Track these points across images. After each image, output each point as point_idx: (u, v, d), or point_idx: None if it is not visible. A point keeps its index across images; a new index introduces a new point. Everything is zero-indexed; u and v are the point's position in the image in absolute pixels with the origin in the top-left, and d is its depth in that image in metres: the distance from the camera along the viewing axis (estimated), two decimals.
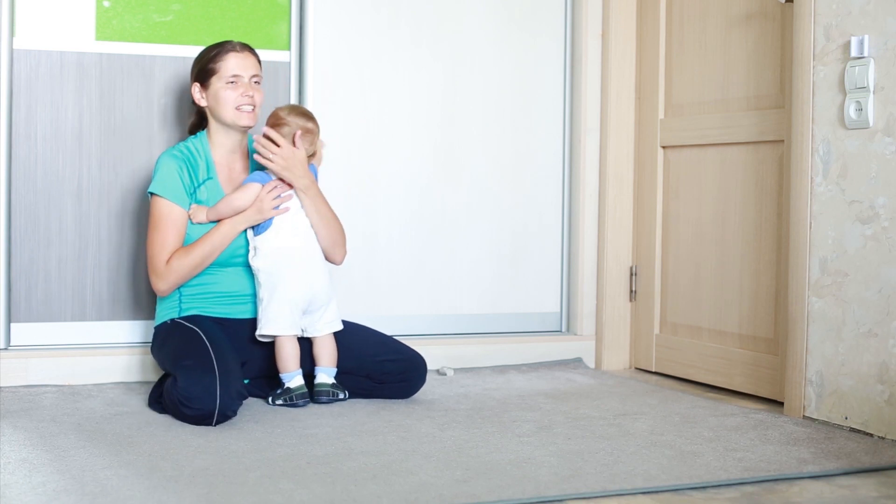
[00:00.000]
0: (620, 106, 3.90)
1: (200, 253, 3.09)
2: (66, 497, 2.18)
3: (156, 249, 3.10)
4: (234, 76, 3.14)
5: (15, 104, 3.39)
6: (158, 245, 3.10)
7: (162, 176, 3.12)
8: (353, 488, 2.27)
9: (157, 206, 3.12)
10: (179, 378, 2.87)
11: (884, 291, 2.85)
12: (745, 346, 3.46)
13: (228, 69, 3.14)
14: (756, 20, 3.41)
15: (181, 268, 3.08)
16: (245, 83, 3.15)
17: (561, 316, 4.00)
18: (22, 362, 3.34)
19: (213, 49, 3.18)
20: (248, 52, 3.19)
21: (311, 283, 3.11)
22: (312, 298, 3.12)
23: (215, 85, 3.15)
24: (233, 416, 2.87)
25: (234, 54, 3.15)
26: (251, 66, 3.17)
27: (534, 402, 3.23)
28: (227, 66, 3.14)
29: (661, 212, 3.81)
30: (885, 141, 2.85)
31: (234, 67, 3.14)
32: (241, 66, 3.15)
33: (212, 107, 3.17)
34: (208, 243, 3.09)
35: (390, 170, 3.77)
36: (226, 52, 3.15)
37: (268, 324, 3.08)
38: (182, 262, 3.08)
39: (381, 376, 3.20)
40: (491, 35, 3.87)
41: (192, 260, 3.08)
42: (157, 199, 3.12)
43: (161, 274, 3.09)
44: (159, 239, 3.10)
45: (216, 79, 3.15)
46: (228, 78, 3.13)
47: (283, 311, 3.07)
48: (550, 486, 2.31)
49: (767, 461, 2.56)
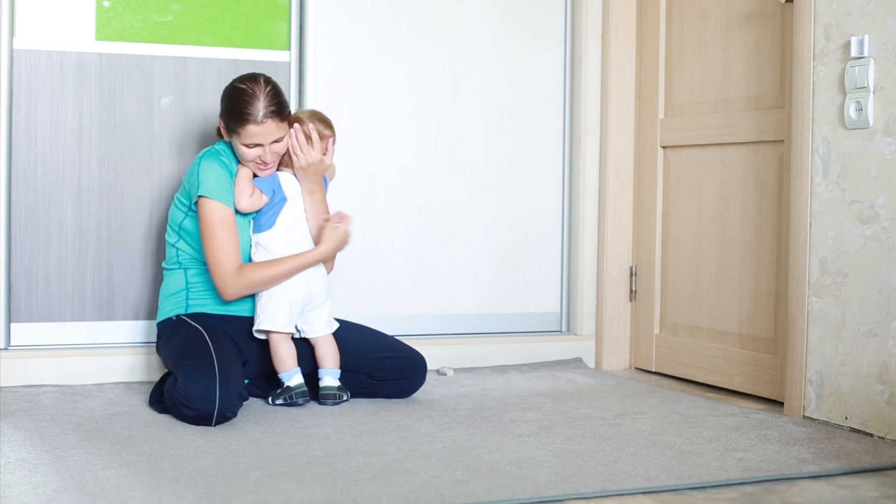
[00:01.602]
0: (620, 106, 3.90)
1: (278, 273, 3.06)
2: (66, 497, 2.18)
3: (220, 256, 3.04)
4: (254, 144, 3.05)
5: (15, 104, 3.39)
6: (223, 251, 3.04)
7: (212, 179, 3.05)
8: (353, 488, 2.27)
9: (212, 209, 3.05)
10: (180, 378, 2.88)
11: (884, 291, 2.85)
12: (745, 346, 3.46)
13: (248, 138, 3.03)
14: (756, 20, 3.41)
15: (255, 280, 3.06)
16: (264, 148, 3.06)
17: (561, 316, 4.00)
18: (22, 362, 3.34)
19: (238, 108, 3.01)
20: (270, 119, 3.02)
21: (309, 281, 3.12)
22: (311, 297, 3.12)
23: (235, 140, 3.06)
24: (232, 417, 2.87)
25: (254, 127, 3.01)
26: (272, 132, 3.04)
27: (534, 402, 3.23)
28: (247, 136, 3.03)
29: (661, 212, 3.81)
30: (885, 141, 2.85)
31: (252, 137, 3.03)
32: (262, 135, 3.03)
33: (232, 147, 3.12)
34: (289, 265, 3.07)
35: (391, 169, 3.77)
36: (246, 125, 3.00)
37: (266, 319, 3.08)
38: (257, 275, 3.06)
39: (381, 374, 3.20)
40: (491, 35, 3.87)
41: (268, 277, 3.06)
42: (209, 202, 3.04)
43: (231, 283, 3.05)
44: (219, 245, 3.04)
45: (236, 137, 3.05)
46: (248, 143, 3.05)
47: (283, 307, 3.08)
48: (550, 486, 2.31)
49: (767, 461, 2.56)
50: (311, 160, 3.10)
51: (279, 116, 3.04)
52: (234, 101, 3.04)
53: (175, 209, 3.18)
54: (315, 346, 3.16)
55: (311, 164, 3.11)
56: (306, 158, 3.10)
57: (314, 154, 3.10)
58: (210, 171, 3.07)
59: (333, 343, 3.17)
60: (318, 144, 3.11)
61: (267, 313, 3.08)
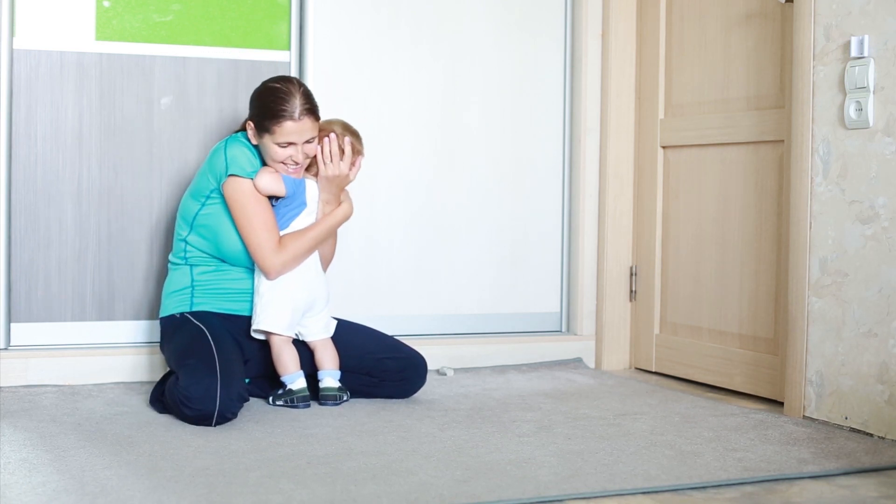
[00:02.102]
0: (620, 106, 3.90)
1: (313, 238, 3.11)
2: (66, 497, 2.18)
3: (261, 232, 3.05)
4: (288, 143, 3.06)
5: (15, 104, 3.39)
6: (261, 226, 3.06)
7: (237, 157, 3.06)
8: (353, 488, 2.27)
9: (242, 186, 3.05)
10: (181, 377, 2.88)
11: (884, 291, 2.85)
12: (745, 346, 3.46)
13: (283, 136, 3.04)
14: (756, 20, 3.41)
15: (297, 249, 3.08)
16: (297, 147, 3.07)
17: (561, 316, 4.00)
18: (22, 362, 3.34)
19: (274, 106, 3.03)
20: (307, 117, 3.04)
21: (311, 287, 3.12)
22: (313, 303, 3.13)
23: (267, 141, 3.06)
24: (233, 417, 2.87)
25: (291, 124, 3.02)
26: (307, 130, 3.06)
27: (534, 402, 3.23)
28: (282, 133, 3.04)
29: (661, 212, 3.81)
30: (885, 141, 2.85)
31: (288, 135, 3.04)
32: (297, 134, 3.05)
33: (261, 149, 3.11)
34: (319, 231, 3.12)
35: (391, 169, 3.77)
36: (283, 122, 3.02)
37: (268, 320, 3.08)
38: (297, 244, 3.08)
39: (381, 374, 3.20)
40: (491, 35, 3.87)
41: (307, 243, 3.10)
42: (238, 180, 3.05)
43: (275, 256, 3.05)
44: (258, 220, 3.06)
45: (268, 137, 3.05)
46: (282, 143, 3.06)
47: (285, 311, 3.07)
48: (550, 486, 2.31)
49: (767, 461, 2.56)
50: (337, 172, 3.12)
51: (314, 115, 3.08)
52: (269, 99, 3.05)
53: (189, 201, 3.16)
54: (314, 350, 3.16)
55: (336, 177, 3.12)
56: (334, 170, 3.11)
57: (342, 167, 3.12)
58: (238, 151, 3.08)
59: (332, 345, 3.17)
60: (348, 158, 3.13)
61: (269, 315, 3.08)
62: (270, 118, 3.03)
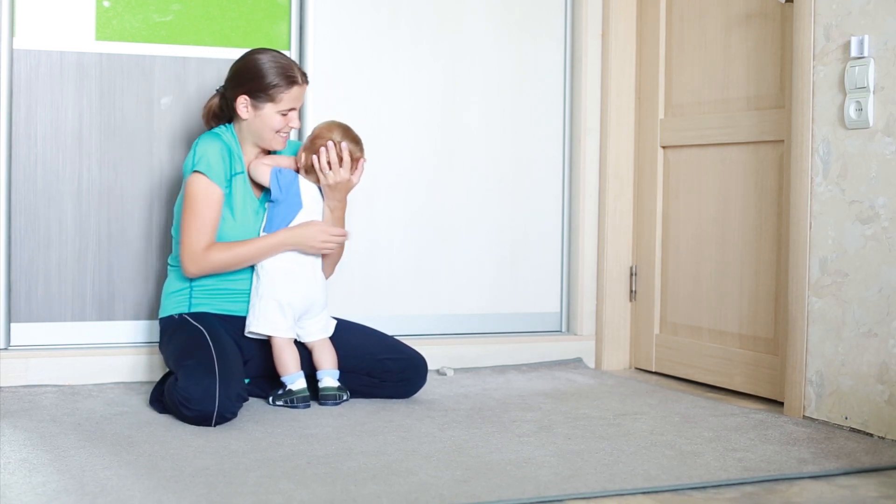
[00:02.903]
0: (620, 106, 3.90)
1: (242, 254, 3.08)
2: (66, 497, 2.18)
3: (194, 232, 3.06)
4: (290, 109, 3.11)
5: (15, 104, 3.39)
6: (198, 227, 3.06)
7: (205, 155, 3.08)
8: (353, 488, 2.27)
9: (199, 184, 3.07)
10: (180, 378, 2.88)
11: (884, 291, 2.85)
12: (745, 346, 3.46)
13: (289, 102, 3.09)
14: (756, 20, 3.41)
15: (220, 261, 3.08)
16: (294, 113, 3.13)
17: (561, 316, 4.00)
18: (22, 362, 3.34)
19: (276, 75, 3.08)
20: (305, 83, 3.13)
21: (308, 290, 3.12)
22: (310, 307, 3.13)
23: (268, 111, 3.09)
24: (232, 417, 2.87)
25: (297, 88, 3.09)
26: (302, 97, 3.15)
27: (534, 402, 3.23)
28: (288, 99, 3.08)
29: (661, 212, 3.81)
30: (885, 141, 2.85)
31: (293, 101, 3.10)
32: (299, 98, 3.12)
33: (253, 124, 3.13)
34: (253, 249, 3.08)
35: (391, 170, 3.77)
36: (291, 86, 3.08)
37: (264, 322, 3.08)
38: (222, 256, 3.07)
39: (382, 374, 3.20)
40: (491, 36, 3.87)
41: (234, 259, 3.08)
42: (199, 177, 3.07)
43: (197, 259, 3.06)
44: (198, 221, 3.06)
45: (271, 106, 3.08)
46: (284, 110, 3.10)
47: (283, 312, 3.07)
48: (550, 486, 2.31)
49: (767, 461, 2.56)
50: (339, 179, 3.12)
51: (307, 80, 3.16)
52: (267, 69, 3.09)
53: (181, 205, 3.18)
54: (312, 350, 3.16)
55: (339, 183, 3.13)
56: (335, 177, 3.11)
57: (343, 173, 3.12)
58: (208, 149, 3.09)
59: (330, 345, 3.17)
60: (347, 164, 3.12)
61: (265, 317, 3.08)
62: (275, 87, 3.07)
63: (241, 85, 3.12)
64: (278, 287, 3.08)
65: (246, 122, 3.15)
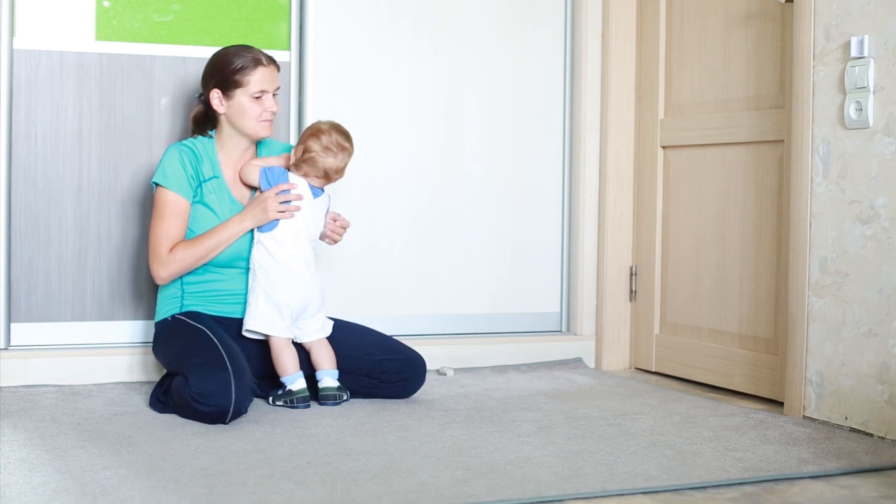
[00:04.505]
0: (620, 106, 3.90)
1: (205, 246, 3.10)
2: (66, 497, 2.18)
3: (160, 238, 3.10)
4: (262, 91, 3.12)
5: (15, 104, 3.39)
6: (162, 233, 3.10)
7: (166, 167, 3.13)
8: (353, 488, 2.27)
9: (162, 196, 3.13)
10: (191, 376, 2.87)
11: (884, 291, 2.85)
12: (745, 346, 3.46)
13: (257, 84, 3.11)
14: (756, 20, 3.41)
15: (185, 258, 3.09)
16: (269, 97, 3.14)
17: (561, 316, 4.00)
18: (22, 362, 3.34)
19: (239, 59, 3.12)
20: (273, 65, 3.16)
21: (305, 291, 3.11)
22: (307, 305, 3.13)
23: (240, 98, 3.12)
24: (245, 412, 2.88)
25: (263, 69, 3.12)
26: (276, 79, 3.16)
27: (534, 402, 3.23)
28: (255, 81, 3.11)
29: (661, 212, 3.81)
30: (885, 141, 2.85)
31: (261, 83, 3.12)
32: (269, 81, 3.14)
33: (231, 115, 3.15)
34: (214, 238, 3.10)
35: (391, 170, 3.77)
36: (255, 67, 3.11)
37: (261, 321, 3.08)
38: (186, 252, 3.09)
39: (381, 375, 3.20)
40: (491, 38, 3.87)
41: (197, 252, 3.10)
42: (161, 189, 3.13)
43: (163, 262, 3.10)
44: (163, 228, 3.11)
45: (241, 92, 3.12)
46: (255, 93, 3.11)
47: (280, 312, 3.07)
48: (550, 486, 2.31)
49: (767, 461, 2.56)
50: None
51: (276, 65, 3.18)
52: (231, 57, 3.14)
53: None
54: (310, 350, 3.16)
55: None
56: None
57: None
58: (169, 161, 3.14)
59: (328, 345, 3.17)
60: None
61: (263, 316, 3.08)
62: (240, 71, 3.11)
63: (210, 80, 3.16)
64: (275, 286, 3.08)
65: (225, 117, 3.17)
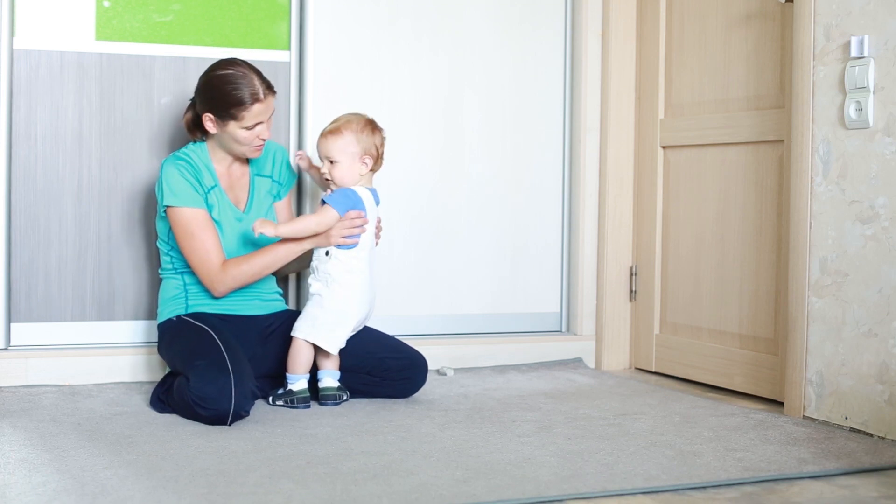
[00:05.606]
0: (620, 106, 3.90)
1: (262, 263, 3.08)
2: (66, 497, 2.18)
3: (202, 256, 3.06)
4: (257, 123, 3.09)
5: (15, 104, 3.39)
6: (202, 250, 3.06)
7: (172, 186, 3.08)
8: (353, 488, 2.27)
9: (179, 216, 3.07)
10: (193, 378, 2.87)
11: (884, 291, 2.85)
12: (745, 346, 3.46)
13: (252, 118, 3.07)
14: (756, 20, 3.41)
15: (241, 275, 3.07)
16: (262, 125, 3.11)
17: (561, 316, 4.00)
18: (22, 362, 3.34)
19: (238, 92, 3.04)
20: (271, 95, 3.09)
21: (373, 299, 3.17)
22: (365, 319, 3.18)
23: (233, 128, 3.08)
24: (246, 415, 2.87)
25: (259, 105, 3.06)
26: (271, 107, 3.11)
27: (534, 402, 3.23)
28: (251, 116, 3.06)
29: (661, 212, 3.81)
30: (885, 141, 2.85)
31: (257, 117, 3.07)
32: (265, 113, 3.09)
33: (222, 139, 3.14)
34: (271, 255, 3.08)
35: (392, 171, 3.77)
36: (253, 104, 3.04)
37: (333, 339, 3.07)
38: (241, 269, 3.07)
39: (382, 373, 3.20)
40: (491, 38, 3.87)
41: (252, 268, 3.08)
42: (175, 210, 3.08)
43: (218, 280, 3.07)
44: (200, 244, 3.06)
45: (235, 123, 3.07)
46: (249, 125, 3.08)
47: (348, 326, 3.09)
48: (550, 486, 2.31)
49: (767, 461, 2.56)
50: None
51: (273, 90, 3.11)
52: (228, 87, 3.06)
53: (159, 221, 3.20)
54: (316, 351, 3.16)
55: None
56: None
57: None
58: (172, 178, 3.09)
59: None
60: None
61: (336, 336, 3.07)
62: (236, 105, 3.04)
63: (205, 103, 3.11)
64: (348, 301, 3.08)
65: (217, 137, 3.16)
